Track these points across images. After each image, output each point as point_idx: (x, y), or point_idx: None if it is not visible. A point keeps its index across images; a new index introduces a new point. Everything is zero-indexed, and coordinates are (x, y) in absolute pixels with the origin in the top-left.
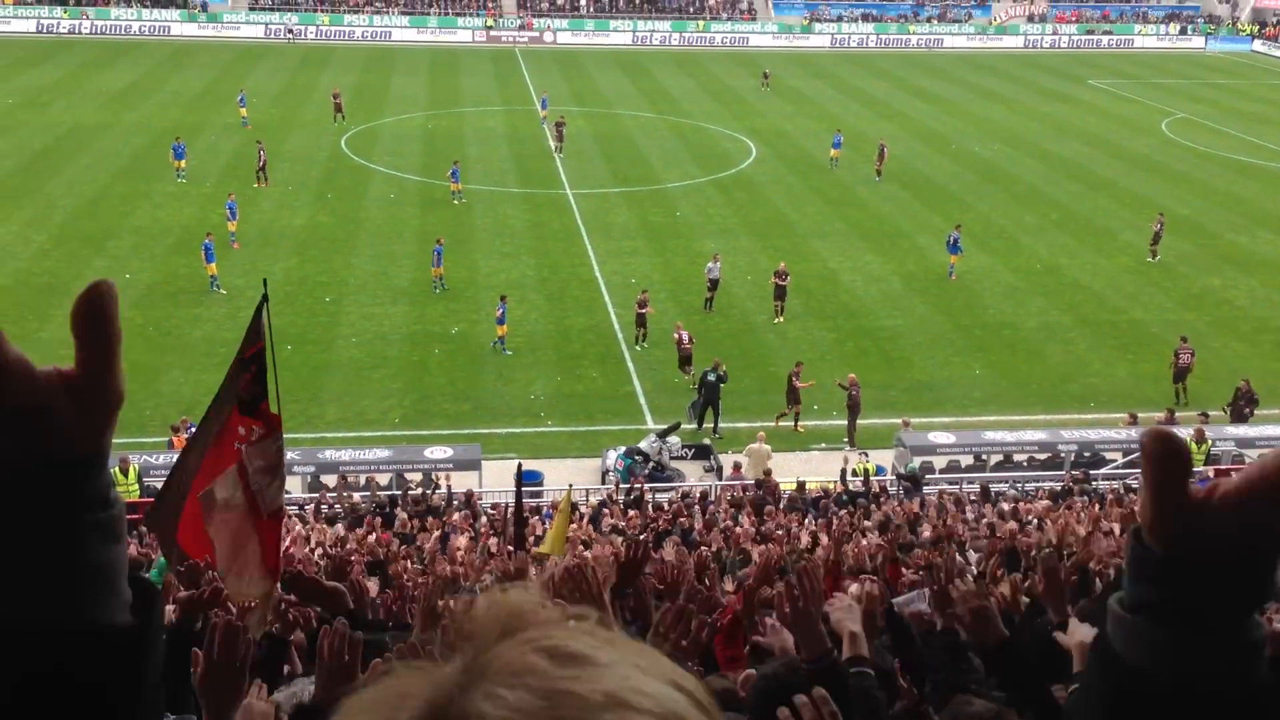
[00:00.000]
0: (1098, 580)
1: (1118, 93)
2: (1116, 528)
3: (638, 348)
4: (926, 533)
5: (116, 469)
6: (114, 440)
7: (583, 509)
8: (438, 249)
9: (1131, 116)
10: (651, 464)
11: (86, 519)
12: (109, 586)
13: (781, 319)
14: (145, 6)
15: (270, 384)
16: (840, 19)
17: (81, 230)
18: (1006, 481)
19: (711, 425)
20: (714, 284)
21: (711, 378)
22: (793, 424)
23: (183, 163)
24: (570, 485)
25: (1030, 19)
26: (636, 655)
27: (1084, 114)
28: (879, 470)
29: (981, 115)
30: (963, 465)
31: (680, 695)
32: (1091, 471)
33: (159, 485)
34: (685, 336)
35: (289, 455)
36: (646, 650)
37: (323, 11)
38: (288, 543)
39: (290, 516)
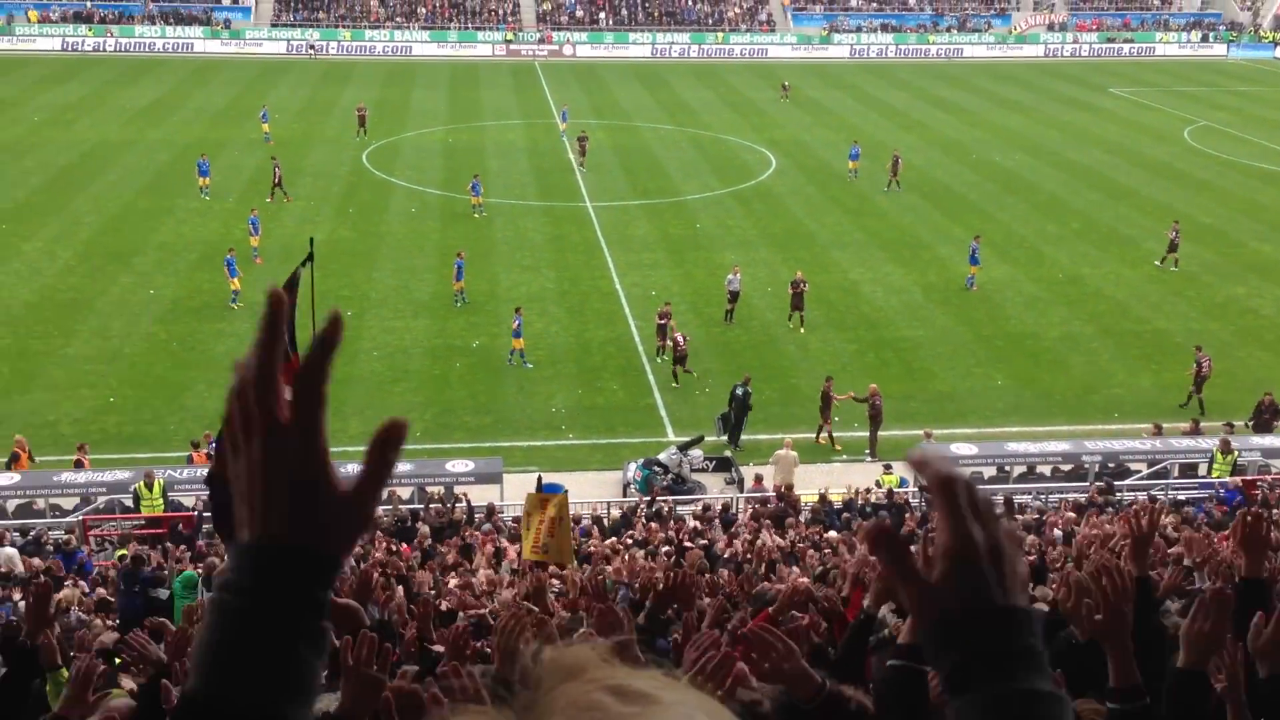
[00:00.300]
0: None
1: (1139, 101)
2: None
3: (659, 360)
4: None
5: (142, 483)
6: (138, 455)
7: (605, 522)
8: (459, 263)
9: (1153, 124)
10: (670, 475)
11: (311, 619)
12: (306, 694)
13: (802, 329)
14: (169, 24)
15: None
16: (859, 30)
17: (106, 246)
18: (1030, 493)
19: (729, 439)
20: (734, 296)
21: (740, 392)
22: (829, 439)
23: (207, 179)
24: (565, 490)
25: (1050, 28)
26: (697, 696)
27: (1105, 122)
28: (902, 483)
29: (1002, 124)
30: (985, 477)
31: None
32: (1116, 483)
33: (183, 501)
34: (681, 338)
35: None
36: (707, 696)
37: (344, 27)
38: None
39: None
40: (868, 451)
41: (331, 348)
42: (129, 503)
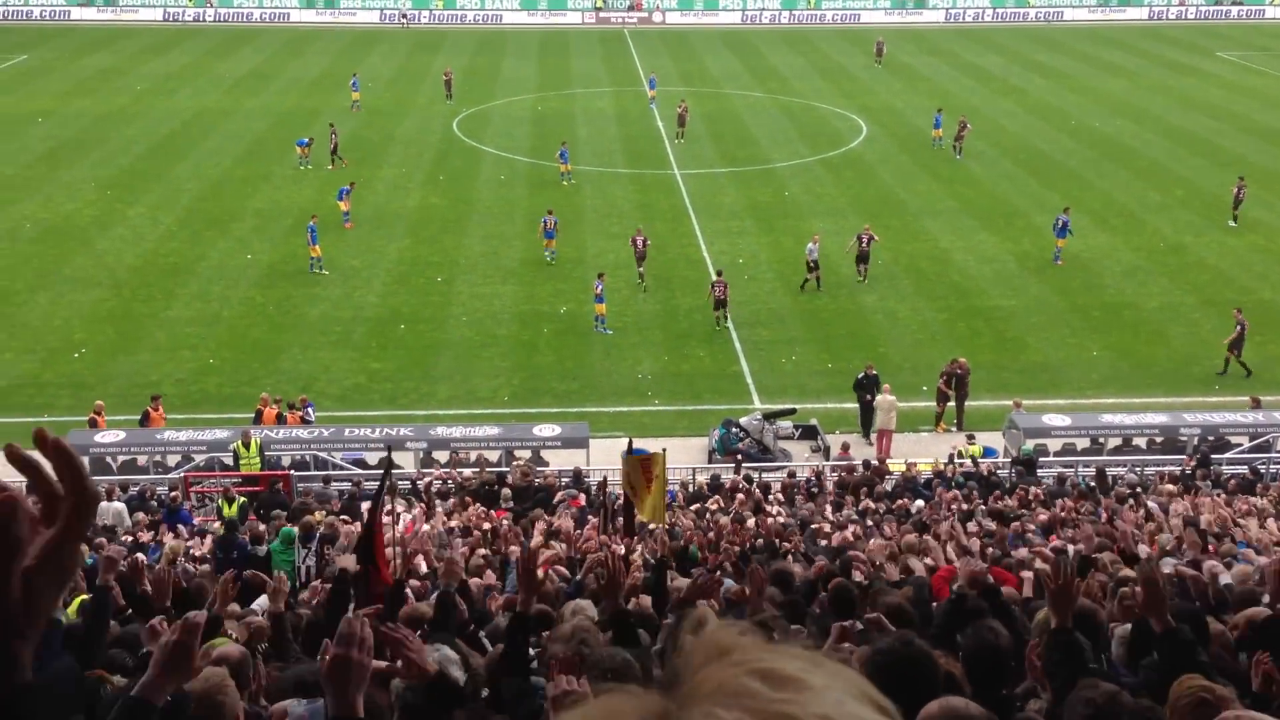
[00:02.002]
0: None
1: (1247, 65)
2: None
3: (718, 328)
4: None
5: (240, 442)
6: (235, 415)
7: (690, 488)
8: (548, 221)
9: (1262, 89)
10: (750, 440)
11: None
12: None
13: (864, 281)
14: None
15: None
16: None
17: (205, 212)
18: (1124, 465)
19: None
20: (814, 265)
21: (861, 377)
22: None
23: (306, 149)
24: (664, 449)
25: None
26: (844, 679)
27: (1211, 87)
28: (988, 452)
29: (1103, 89)
30: (1078, 449)
31: None
32: (1215, 456)
33: (279, 459)
34: (721, 286)
35: (402, 431)
36: (852, 674)
37: None
38: (402, 528)
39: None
40: (955, 423)
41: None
42: (228, 460)
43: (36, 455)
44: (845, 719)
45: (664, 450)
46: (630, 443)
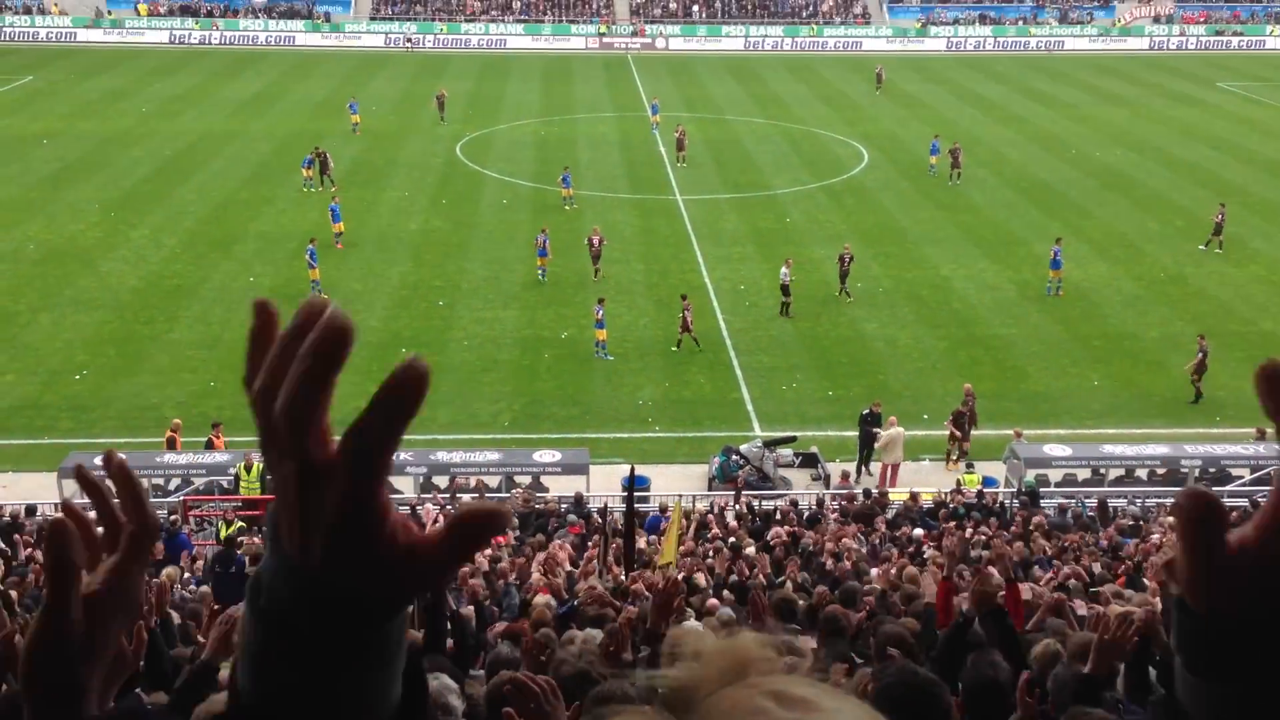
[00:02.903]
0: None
1: (1249, 96)
2: None
3: (675, 350)
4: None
5: (241, 465)
6: (236, 439)
7: (692, 515)
8: (539, 240)
9: (1263, 120)
10: (750, 467)
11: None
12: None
13: (850, 298)
14: (272, 18)
15: None
16: (956, 22)
17: (209, 234)
18: (1125, 498)
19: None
20: (785, 289)
21: (866, 413)
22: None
23: (310, 170)
24: (680, 495)
25: (1156, 20)
26: (853, 705)
27: (1212, 118)
28: (987, 482)
29: (1104, 119)
30: (1079, 479)
31: None
32: (1216, 488)
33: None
34: (688, 316)
35: (402, 455)
36: (860, 703)
37: (440, 20)
38: None
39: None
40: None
41: (407, 410)
42: (226, 484)
43: (105, 478)
44: None
45: (680, 499)
46: (632, 470)
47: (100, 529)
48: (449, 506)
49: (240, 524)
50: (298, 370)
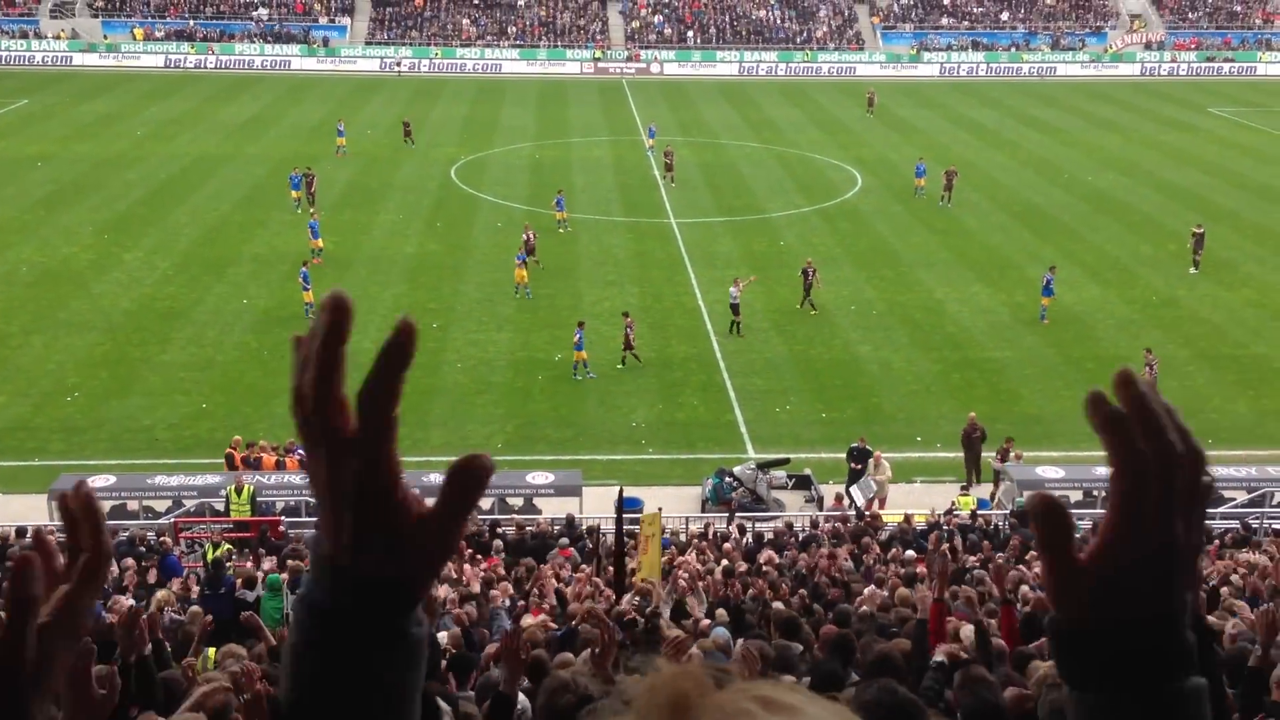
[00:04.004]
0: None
1: (1240, 121)
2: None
3: (620, 367)
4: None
5: (232, 488)
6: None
7: (682, 537)
8: (521, 257)
9: (1255, 145)
10: (743, 490)
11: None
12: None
13: (813, 311)
14: (267, 42)
15: None
16: (949, 48)
17: (203, 257)
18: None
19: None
20: (734, 308)
21: (854, 448)
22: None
23: (299, 193)
24: (660, 509)
25: (1147, 46)
26: (835, 712)
27: (1204, 143)
28: (981, 504)
29: (1096, 144)
30: (1071, 501)
31: None
32: (1209, 510)
33: (270, 505)
34: (630, 334)
35: None
36: (845, 709)
37: (435, 45)
38: None
39: None
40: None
41: (401, 361)
42: (219, 506)
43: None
44: None
45: (660, 510)
46: (621, 491)
47: (63, 558)
48: None
49: (228, 546)
50: (309, 348)
